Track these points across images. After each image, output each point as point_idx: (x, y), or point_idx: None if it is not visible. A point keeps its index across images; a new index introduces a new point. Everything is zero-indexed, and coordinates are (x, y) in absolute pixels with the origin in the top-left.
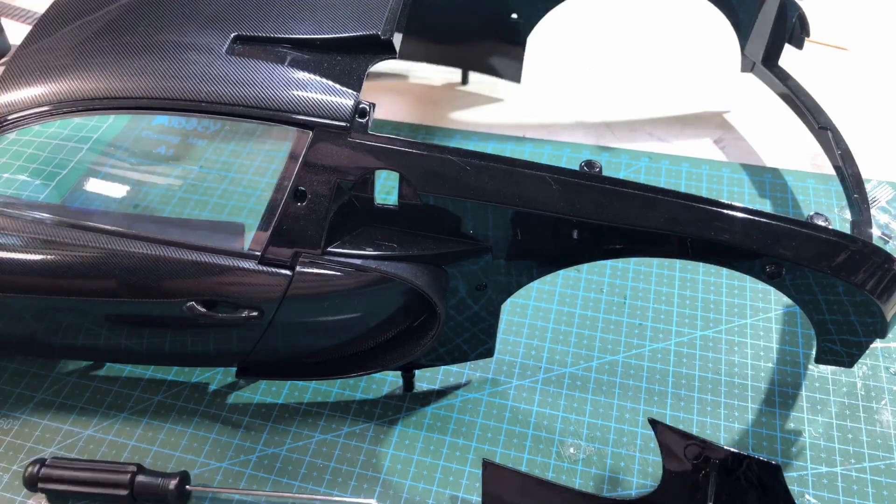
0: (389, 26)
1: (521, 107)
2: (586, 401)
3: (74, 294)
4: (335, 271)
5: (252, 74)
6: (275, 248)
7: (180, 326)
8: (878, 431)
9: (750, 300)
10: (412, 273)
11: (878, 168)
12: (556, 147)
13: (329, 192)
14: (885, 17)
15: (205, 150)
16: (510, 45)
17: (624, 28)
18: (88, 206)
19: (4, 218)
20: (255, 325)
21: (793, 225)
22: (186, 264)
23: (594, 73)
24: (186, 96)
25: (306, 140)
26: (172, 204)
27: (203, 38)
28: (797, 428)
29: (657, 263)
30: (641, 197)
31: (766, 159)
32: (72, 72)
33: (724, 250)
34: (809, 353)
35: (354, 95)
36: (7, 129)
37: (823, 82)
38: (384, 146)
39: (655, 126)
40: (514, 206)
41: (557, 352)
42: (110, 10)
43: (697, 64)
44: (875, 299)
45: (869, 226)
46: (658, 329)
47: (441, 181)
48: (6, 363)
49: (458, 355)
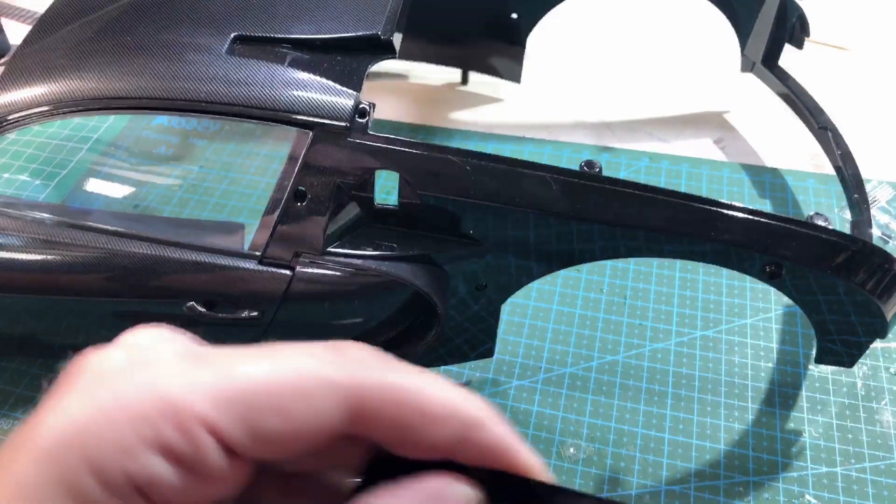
0: (389, 26)
1: (521, 107)
2: (586, 401)
3: (75, 294)
4: (335, 271)
5: (252, 74)
6: (275, 248)
7: (180, 326)
8: (878, 431)
9: (750, 300)
10: (412, 273)
11: (878, 168)
12: (556, 147)
13: (329, 193)
14: (885, 17)
15: (205, 150)
16: (510, 45)
17: (624, 28)
18: (88, 206)
19: (4, 218)
20: (255, 326)
21: (793, 225)
22: (186, 264)
23: (594, 73)
24: (186, 96)
25: (306, 140)
26: (172, 204)
27: (203, 38)
28: (797, 428)
29: (657, 263)
30: (641, 197)
31: (766, 159)
32: (72, 72)
33: (725, 250)
34: (809, 353)
35: (354, 95)
36: (7, 129)
37: (823, 82)
38: (384, 146)
39: (655, 126)
40: (514, 206)
41: (557, 352)
42: (110, 10)
43: (697, 64)
44: (875, 299)
45: (869, 226)
46: (658, 329)
47: (441, 181)
48: (6, 363)
49: (458, 355)
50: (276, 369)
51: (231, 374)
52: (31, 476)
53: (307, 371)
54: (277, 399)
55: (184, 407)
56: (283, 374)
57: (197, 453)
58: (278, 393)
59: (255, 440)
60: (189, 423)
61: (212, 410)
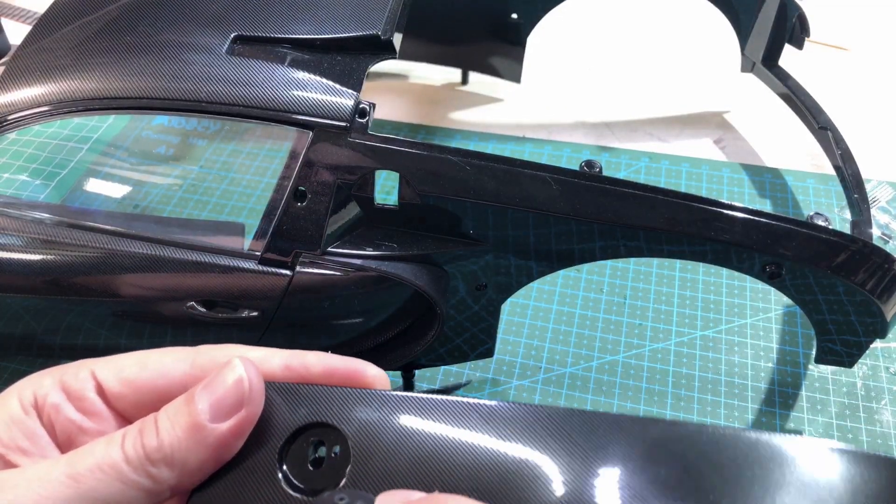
0: (389, 26)
1: (521, 107)
2: (586, 401)
3: (74, 294)
4: (335, 271)
5: (252, 74)
6: (275, 248)
7: (180, 326)
8: (878, 431)
9: (750, 300)
10: (412, 273)
11: (878, 168)
12: (556, 147)
13: (329, 192)
14: (885, 17)
15: (205, 150)
16: (510, 46)
17: (624, 28)
18: (88, 206)
19: (4, 218)
20: (254, 325)
21: (793, 225)
22: (186, 264)
23: (594, 73)
24: (186, 96)
25: (306, 140)
26: (172, 204)
27: (203, 38)
28: (797, 428)
29: (657, 263)
30: (641, 197)
31: (766, 159)
32: (72, 72)
33: (724, 250)
34: (809, 353)
35: (354, 95)
36: (7, 129)
37: (823, 82)
38: (384, 146)
39: (655, 126)
40: (514, 206)
41: (557, 352)
42: (110, 9)
43: (697, 64)
44: (875, 299)
45: (869, 226)
46: (658, 329)
47: (441, 181)
48: (6, 363)
49: (458, 355)
50: (145, 351)
51: (119, 357)
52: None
53: (162, 349)
54: (140, 357)
55: (85, 363)
56: (147, 351)
57: (82, 388)
58: (142, 356)
59: (120, 381)
60: (81, 369)
61: (99, 368)
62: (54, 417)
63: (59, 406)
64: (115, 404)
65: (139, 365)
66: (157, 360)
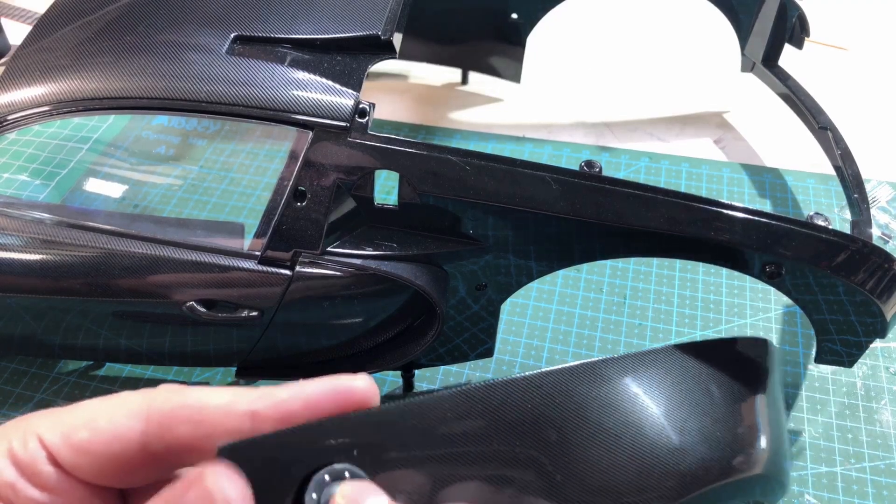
0: (389, 26)
1: (521, 107)
2: None
3: (74, 294)
4: (335, 271)
5: (252, 74)
6: (274, 247)
7: (180, 326)
8: (878, 431)
9: (750, 300)
10: (412, 273)
11: (878, 168)
12: (556, 147)
13: (329, 192)
14: (885, 17)
15: (205, 150)
16: (510, 45)
17: (624, 28)
18: (88, 206)
19: (4, 218)
20: (254, 325)
21: (793, 225)
22: (186, 264)
23: (594, 73)
24: (186, 96)
25: (306, 140)
26: (172, 204)
27: (203, 38)
28: (797, 428)
29: (657, 263)
30: (641, 197)
31: (766, 159)
32: (72, 72)
33: (724, 250)
34: (809, 353)
35: (354, 95)
36: (7, 129)
37: (823, 82)
38: (384, 146)
39: (655, 126)
40: (514, 206)
41: (557, 352)
42: (110, 10)
43: (697, 64)
44: (875, 299)
45: (869, 226)
46: (658, 329)
47: (441, 181)
48: (6, 363)
49: (458, 355)
50: (92, 405)
51: (62, 413)
52: None
53: (111, 399)
54: (89, 418)
55: (28, 427)
56: (94, 406)
57: (33, 460)
58: (90, 416)
59: (72, 449)
60: (27, 437)
61: (45, 432)
62: (13, 499)
63: (14, 485)
64: (73, 472)
65: (89, 429)
66: (108, 419)
